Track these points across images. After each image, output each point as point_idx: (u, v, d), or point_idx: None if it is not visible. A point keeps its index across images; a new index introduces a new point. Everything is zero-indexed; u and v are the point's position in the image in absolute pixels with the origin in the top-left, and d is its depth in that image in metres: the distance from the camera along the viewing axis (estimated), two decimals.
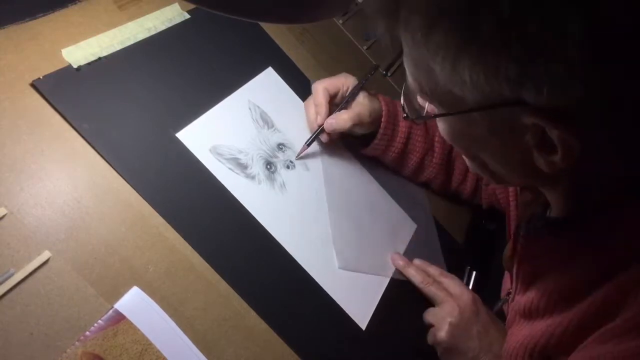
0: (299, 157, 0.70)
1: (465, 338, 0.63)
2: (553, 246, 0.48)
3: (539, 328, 0.46)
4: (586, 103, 0.34)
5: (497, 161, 0.44)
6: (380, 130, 0.73)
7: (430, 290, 0.68)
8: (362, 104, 0.72)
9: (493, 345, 0.62)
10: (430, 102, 0.43)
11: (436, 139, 0.78)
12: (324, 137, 0.72)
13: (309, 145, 0.71)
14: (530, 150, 0.39)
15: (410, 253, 0.74)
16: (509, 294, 0.59)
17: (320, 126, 0.70)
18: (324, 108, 0.70)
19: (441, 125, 0.46)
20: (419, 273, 0.70)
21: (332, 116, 0.70)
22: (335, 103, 0.73)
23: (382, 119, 0.73)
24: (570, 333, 0.42)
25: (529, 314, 0.49)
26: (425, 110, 0.45)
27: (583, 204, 0.44)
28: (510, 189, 0.72)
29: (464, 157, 0.49)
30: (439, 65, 0.37)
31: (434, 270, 0.71)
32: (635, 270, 0.38)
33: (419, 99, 0.45)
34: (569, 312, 0.43)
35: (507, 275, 0.67)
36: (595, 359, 0.38)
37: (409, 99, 0.47)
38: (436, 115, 0.43)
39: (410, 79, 0.43)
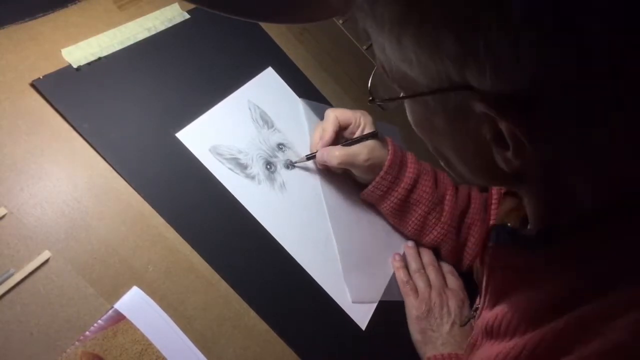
0: (296, 162, 0.69)
1: (430, 331, 0.65)
2: (523, 261, 0.43)
3: (495, 350, 0.42)
4: (536, 90, 0.30)
5: (458, 157, 0.40)
6: (383, 170, 0.69)
7: (408, 291, 0.69)
8: (364, 145, 0.68)
9: (465, 340, 0.62)
10: (392, 82, 0.40)
11: (447, 196, 0.72)
12: (319, 164, 0.71)
13: (308, 159, 0.70)
14: (489, 146, 0.35)
15: None
16: (476, 309, 0.55)
17: (316, 151, 0.69)
18: (327, 134, 0.68)
19: (407, 110, 0.42)
20: (404, 273, 0.70)
21: (325, 149, 0.68)
22: (343, 136, 0.71)
23: (387, 160, 0.69)
24: (524, 359, 0.38)
25: (491, 333, 0.45)
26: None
27: (562, 216, 0.39)
28: (494, 197, 0.70)
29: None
30: (387, 40, 0.34)
31: (426, 258, 0.72)
32: (600, 302, 0.34)
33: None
34: (525, 336, 0.38)
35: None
36: None
37: (376, 83, 0.44)
38: (391, 99, 0.40)
39: (376, 58, 0.40)
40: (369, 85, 0.45)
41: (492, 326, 0.44)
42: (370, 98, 0.45)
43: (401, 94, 0.39)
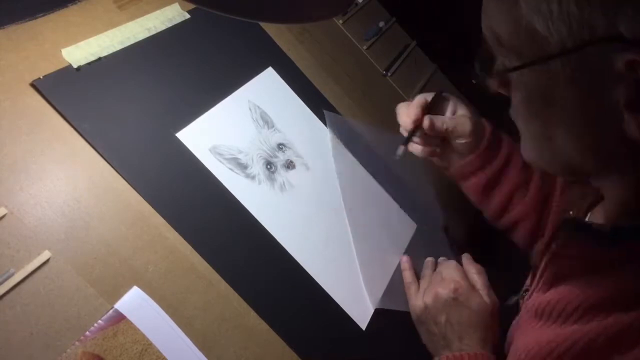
0: (399, 155, 0.67)
1: (431, 323, 0.64)
2: (593, 254, 0.44)
3: (546, 335, 0.43)
4: None
5: (570, 133, 0.37)
6: (482, 147, 0.68)
7: (410, 293, 0.68)
8: (464, 115, 0.68)
9: (463, 339, 0.62)
10: (507, 54, 0.38)
11: (534, 176, 0.70)
12: (415, 146, 0.68)
13: (405, 144, 0.68)
14: (618, 116, 0.33)
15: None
16: (526, 290, 0.57)
17: (415, 124, 0.67)
18: (416, 109, 0.67)
19: (515, 94, 0.40)
20: (411, 275, 0.70)
21: (431, 116, 0.66)
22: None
23: (486, 139, 0.68)
24: (577, 351, 0.39)
25: (541, 315, 0.46)
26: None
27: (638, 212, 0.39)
28: (559, 184, 0.68)
29: (530, 146, 0.42)
30: None
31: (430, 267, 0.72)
32: None
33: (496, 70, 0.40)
34: (583, 327, 0.39)
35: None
36: None
37: (483, 62, 0.41)
38: (512, 69, 0.37)
39: (487, 32, 0.38)
40: (475, 66, 0.43)
41: (543, 309, 0.45)
42: (476, 77, 0.43)
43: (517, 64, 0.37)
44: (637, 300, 0.36)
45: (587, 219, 0.51)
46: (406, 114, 0.68)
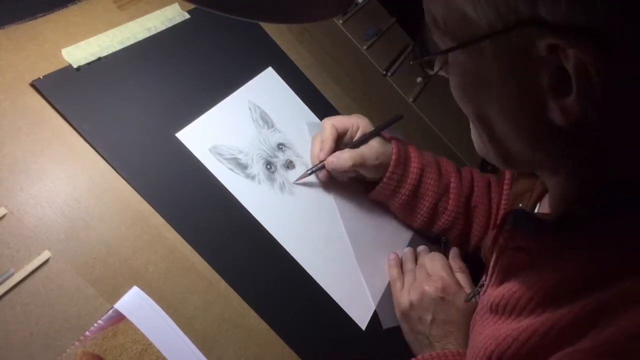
0: (297, 181, 0.68)
1: (417, 321, 0.63)
2: (538, 244, 0.43)
3: (503, 330, 0.42)
4: (616, 24, 0.28)
5: (505, 115, 0.38)
6: (389, 169, 0.70)
7: (395, 289, 0.68)
8: (370, 146, 0.69)
9: (448, 337, 0.61)
10: (443, 36, 0.39)
11: (452, 184, 0.73)
12: (322, 175, 0.70)
13: (310, 174, 0.69)
14: (543, 99, 0.33)
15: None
16: (482, 285, 0.56)
17: (321, 161, 0.69)
18: (328, 144, 0.69)
19: (452, 76, 0.41)
20: (397, 272, 0.69)
21: (334, 154, 0.68)
22: (344, 142, 0.71)
23: (392, 159, 0.70)
24: (533, 344, 0.37)
25: (496, 310, 0.45)
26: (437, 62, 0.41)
27: (583, 203, 0.39)
28: (507, 177, 0.69)
29: (471, 125, 0.43)
30: None
31: (419, 259, 0.71)
32: (616, 290, 0.34)
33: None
34: (537, 319, 0.39)
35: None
36: None
37: (422, 43, 0.42)
38: (446, 50, 0.38)
39: (426, 14, 0.39)
40: (412, 47, 0.45)
41: (497, 304, 0.45)
42: (414, 56, 0.44)
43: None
44: (581, 289, 0.36)
45: (535, 211, 0.51)
46: (317, 148, 0.70)
